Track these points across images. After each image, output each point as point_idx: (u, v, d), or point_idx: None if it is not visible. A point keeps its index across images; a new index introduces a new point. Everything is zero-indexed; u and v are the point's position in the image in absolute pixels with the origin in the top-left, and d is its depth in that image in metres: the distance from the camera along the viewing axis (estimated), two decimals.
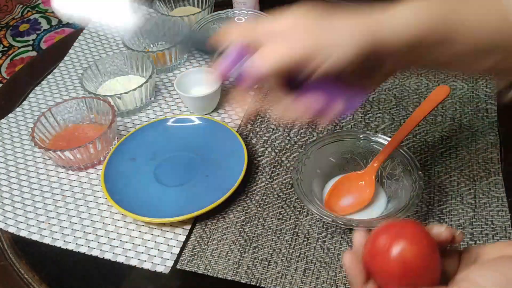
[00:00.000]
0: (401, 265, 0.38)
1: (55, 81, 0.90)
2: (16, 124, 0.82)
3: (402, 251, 0.38)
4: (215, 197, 0.64)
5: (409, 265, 0.38)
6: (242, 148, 0.70)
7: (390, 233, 0.40)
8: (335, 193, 0.64)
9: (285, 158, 0.72)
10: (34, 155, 0.77)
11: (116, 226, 0.66)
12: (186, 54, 0.92)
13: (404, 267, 0.38)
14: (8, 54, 2.10)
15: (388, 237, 0.39)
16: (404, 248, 0.38)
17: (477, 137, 0.71)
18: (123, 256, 0.62)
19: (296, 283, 0.57)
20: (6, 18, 2.28)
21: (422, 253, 0.38)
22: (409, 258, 0.38)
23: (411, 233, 0.39)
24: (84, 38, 0.98)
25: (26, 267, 0.62)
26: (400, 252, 0.38)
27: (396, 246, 0.38)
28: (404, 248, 0.38)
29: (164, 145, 0.74)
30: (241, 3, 0.96)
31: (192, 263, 0.61)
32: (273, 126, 0.77)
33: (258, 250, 0.61)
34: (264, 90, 0.50)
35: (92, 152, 0.71)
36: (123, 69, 0.86)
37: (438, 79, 0.82)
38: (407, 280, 0.38)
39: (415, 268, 0.38)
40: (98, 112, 0.77)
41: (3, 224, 0.67)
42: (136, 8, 0.62)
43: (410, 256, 0.38)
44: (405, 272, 0.38)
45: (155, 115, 0.82)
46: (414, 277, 0.38)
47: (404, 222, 0.41)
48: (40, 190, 0.71)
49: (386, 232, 0.40)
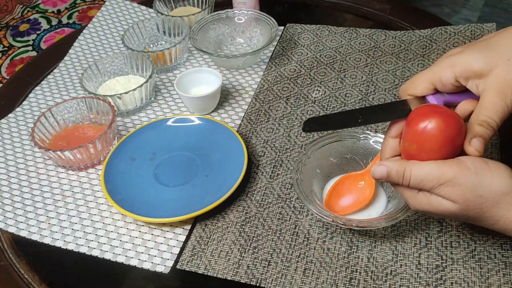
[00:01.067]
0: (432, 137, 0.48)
1: (55, 81, 0.90)
2: (16, 124, 0.82)
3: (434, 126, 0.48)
4: (215, 197, 0.65)
5: (440, 136, 0.48)
6: (242, 148, 0.70)
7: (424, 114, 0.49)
8: (335, 193, 0.64)
9: (285, 158, 0.72)
10: (34, 155, 0.77)
11: (116, 226, 0.66)
12: (186, 54, 0.92)
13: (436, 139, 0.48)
14: (8, 54, 2.10)
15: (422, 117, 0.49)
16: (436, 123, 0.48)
17: None
18: (123, 256, 0.62)
19: (296, 283, 0.57)
20: (6, 18, 2.28)
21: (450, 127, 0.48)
22: (438, 131, 0.48)
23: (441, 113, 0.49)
24: (84, 38, 0.98)
25: (26, 267, 0.62)
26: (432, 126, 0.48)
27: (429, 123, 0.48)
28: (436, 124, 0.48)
29: (164, 145, 0.74)
30: (241, 3, 0.96)
31: (192, 263, 0.61)
32: (273, 126, 0.77)
33: (258, 250, 0.61)
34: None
35: (92, 152, 0.72)
36: (123, 69, 0.86)
37: None
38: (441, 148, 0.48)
39: (444, 140, 0.48)
40: (98, 112, 0.77)
41: (3, 224, 0.67)
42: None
43: (439, 130, 0.48)
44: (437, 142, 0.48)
45: (155, 115, 0.82)
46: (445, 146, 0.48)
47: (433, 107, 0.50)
48: (40, 190, 0.71)
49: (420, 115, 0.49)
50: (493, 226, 0.48)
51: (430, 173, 0.47)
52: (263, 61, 0.90)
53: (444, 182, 0.47)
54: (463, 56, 0.51)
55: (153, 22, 0.94)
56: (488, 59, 0.50)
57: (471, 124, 0.50)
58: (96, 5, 2.31)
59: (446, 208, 0.48)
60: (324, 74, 0.86)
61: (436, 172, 0.47)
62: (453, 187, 0.47)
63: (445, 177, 0.47)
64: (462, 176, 0.46)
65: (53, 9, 2.31)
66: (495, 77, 0.49)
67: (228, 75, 0.88)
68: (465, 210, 0.47)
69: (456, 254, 0.58)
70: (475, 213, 0.47)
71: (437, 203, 0.48)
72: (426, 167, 0.48)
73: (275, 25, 0.89)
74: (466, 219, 0.49)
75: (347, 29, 0.95)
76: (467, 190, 0.46)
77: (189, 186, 0.69)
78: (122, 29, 1.00)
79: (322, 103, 0.80)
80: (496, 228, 0.48)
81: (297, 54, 0.91)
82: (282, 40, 0.94)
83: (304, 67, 0.88)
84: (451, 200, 0.47)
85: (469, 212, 0.47)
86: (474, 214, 0.47)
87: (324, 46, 0.92)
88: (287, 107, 0.80)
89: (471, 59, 0.50)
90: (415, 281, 0.56)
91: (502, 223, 0.47)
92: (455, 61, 0.51)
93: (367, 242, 0.61)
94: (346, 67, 0.87)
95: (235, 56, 0.86)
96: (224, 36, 0.95)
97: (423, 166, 0.48)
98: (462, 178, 0.46)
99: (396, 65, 0.86)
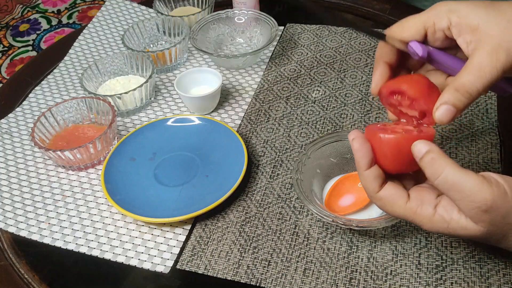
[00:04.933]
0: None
1: (55, 81, 0.90)
2: (16, 124, 0.82)
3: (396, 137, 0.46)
4: (215, 197, 0.65)
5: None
6: (242, 148, 0.70)
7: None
8: (335, 193, 0.64)
9: (285, 158, 0.72)
10: (34, 155, 0.77)
11: (116, 226, 0.66)
12: (186, 54, 0.92)
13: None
14: (8, 54, 2.10)
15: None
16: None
17: (477, 137, 0.71)
18: (123, 256, 0.62)
19: (296, 283, 0.57)
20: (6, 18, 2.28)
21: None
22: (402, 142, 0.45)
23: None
24: (84, 38, 0.98)
25: (26, 267, 0.62)
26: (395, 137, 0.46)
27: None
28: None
29: (164, 145, 0.74)
30: (241, 3, 0.96)
31: (192, 263, 0.61)
32: (273, 126, 0.77)
33: (258, 250, 0.61)
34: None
35: (92, 152, 0.72)
36: (123, 69, 0.86)
37: None
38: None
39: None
40: (98, 112, 0.77)
41: (3, 224, 0.67)
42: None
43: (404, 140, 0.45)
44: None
45: (155, 115, 0.82)
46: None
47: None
48: (40, 190, 0.71)
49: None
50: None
51: (468, 182, 0.42)
52: (263, 61, 0.90)
53: (478, 202, 0.41)
54: (463, 6, 0.46)
55: (153, 22, 0.94)
56: (488, 16, 0.45)
57: (447, 87, 0.44)
58: (96, 5, 2.31)
59: (468, 231, 0.43)
60: (324, 74, 0.86)
61: (474, 186, 0.41)
62: (487, 212, 0.41)
63: (481, 198, 0.41)
64: (500, 200, 0.41)
65: (53, 9, 2.31)
66: (491, 37, 0.44)
67: (228, 75, 0.88)
68: (489, 234, 0.43)
69: (456, 254, 0.58)
70: (497, 238, 0.44)
71: (458, 224, 0.43)
72: (464, 174, 0.42)
73: (275, 25, 0.90)
74: (485, 242, 0.45)
75: (347, 29, 0.95)
76: (498, 216, 0.42)
77: (189, 186, 0.69)
78: (122, 29, 1.00)
79: (322, 103, 0.80)
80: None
81: (297, 54, 0.91)
82: (282, 40, 0.94)
83: (304, 67, 0.88)
84: (478, 224, 0.42)
85: (492, 237, 0.43)
86: (496, 238, 0.44)
87: (324, 46, 0.92)
88: (287, 107, 0.80)
89: (471, 11, 0.45)
90: (415, 281, 0.56)
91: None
92: (454, 8, 0.46)
93: (367, 242, 0.61)
94: (346, 67, 0.87)
95: (235, 56, 0.86)
96: (224, 36, 0.95)
97: (461, 172, 0.42)
98: (499, 202, 0.41)
99: None
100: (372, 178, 0.46)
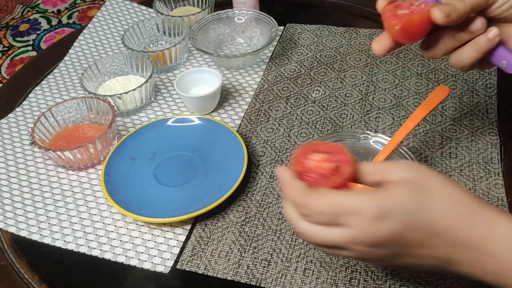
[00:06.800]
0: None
1: (55, 81, 0.90)
2: (16, 124, 0.82)
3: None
4: (215, 197, 0.64)
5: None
6: (242, 148, 0.70)
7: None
8: None
9: (285, 158, 0.72)
10: (34, 155, 0.77)
11: (116, 226, 0.66)
12: (186, 54, 0.92)
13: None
14: (8, 54, 2.10)
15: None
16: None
17: (477, 137, 0.71)
18: (123, 256, 0.62)
19: (296, 283, 0.57)
20: (6, 18, 2.28)
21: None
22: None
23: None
24: (84, 38, 0.98)
25: (26, 267, 0.62)
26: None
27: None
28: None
29: (164, 145, 0.74)
30: (241, 3, 0.96)
31: (192, 263, 0.61)
32: (273, 126, 0.77)
33: (258, 250, 0.61)
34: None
35: (92, 152, 0.72)
36: (123, 69, 0.86)
37: (438, 79, 0.82)
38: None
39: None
40: (98, 112, 0.77)
41: (3, 224, 0.67)
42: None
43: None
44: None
45: (155, 115, 0.82)
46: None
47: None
48: (40, 190, 0.71)
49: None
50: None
51: (348, 201, 0.42)
52: (263, 61, 0.90)
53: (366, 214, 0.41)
54: None
55: (153, 22, 0.94)
56: None
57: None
58: (96, 5, 2.31)
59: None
60: (324, 74, 0.86)
61: (353, 202, 0.41)
62: (380, 219, 0.41)
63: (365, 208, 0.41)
64: (390, 202, 0.41)
65: (53, 9, 2.31)
66: None
67: (228, 75, 0.88)
68: (408, 242, 0.42)
69: None
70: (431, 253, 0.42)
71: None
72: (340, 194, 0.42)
73: (275, 25, 0.90)
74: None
75: (347, 29, 0.95)
76: (401, 217, 0.41)
77: (189, 186, 0.69)
78: (122, 29, 1.00)
79: (322, 103, 0.80)
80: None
81: (297, 54, 0.91)
82: (282, 40, 0.94)
83: (304, 67, 0.88)
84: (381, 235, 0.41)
85: (417, 248, 0.42)
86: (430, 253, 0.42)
87: (324, 46, 0.92)
88: (287, 107, 0.80)
89: None
90: (415, 281, 0.56)
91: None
92: None
93: None
94: (346, 67, 0.87)
95: (235, 56, 0.86)
96: (224, 36, 0.95)
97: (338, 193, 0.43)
98: (390, 204, 0.41)
99: (396, 65, 0.86)
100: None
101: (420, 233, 0.41)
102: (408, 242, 0.42)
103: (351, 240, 0.42)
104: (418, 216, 0.41)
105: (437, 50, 0.53)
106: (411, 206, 0.41)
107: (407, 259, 0.43)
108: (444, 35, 0.52)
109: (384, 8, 0.52)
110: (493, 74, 0.81)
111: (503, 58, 0.52)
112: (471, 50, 0.51)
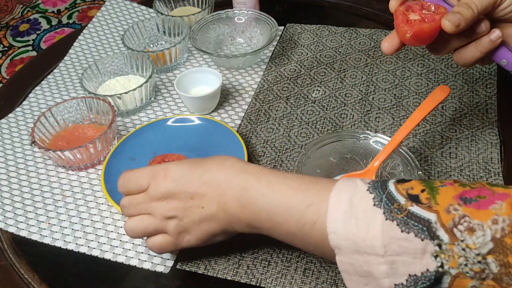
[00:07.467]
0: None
1: (55, 81, 0.90)
2: (16, 124, 0.82)
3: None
4: None
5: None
6: (242, 148, 0.70)
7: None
8: None
9: (285, 158, 0.72)
10: (34, 155, 0.77)
11: (116, 226, 0.66)
12: (186, 54, 0.92)
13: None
14: (8, 54, 2.10)
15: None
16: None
17: (477, 137, 0.72)
18: (123, 256, 0.62)
19: (296, 283, 0.57)
20: (6, 18, 2.29)
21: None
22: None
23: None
24: (84, 38, 0.98)
25: (26, 267, 0.62)
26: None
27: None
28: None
29: (164, 145, 0.74)
30: (241, 3, 0.96)
31: (192, 263, 0.61)
32: (273, 126, 0.77)
33: (258, 250, 0.61)
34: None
35: (92, 152, 0.72)
36: (123, 69, 0.86)
37: (438, 79, 0.82)
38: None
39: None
40: (98, 112, 0.77)
41: (3, 224, 0.67)
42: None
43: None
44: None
45: (155, 115, 0.82)
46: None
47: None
48: (40, 190, 0.71)
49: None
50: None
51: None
52: (263, 61, 0.90)
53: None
54: None
55: (153, 22, 0.94)
56: None
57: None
58: (96, 5, 2.31)
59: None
60: (324, 74, 0.86)
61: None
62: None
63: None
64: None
65: (53, 9, 2.31)
66: None
67: (228, 75, 0.88)
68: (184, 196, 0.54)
69: None
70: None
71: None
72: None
73: (275, 25, 0.90)
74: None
75: (347, 29, 0.95)
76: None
77: None
78: (122, 29, 1.00)
79: (322, 103, 0.80)
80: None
81: (297, 54, 0.91)
82: (282, 40, 0.94)
83: (304, 67, 0.88)
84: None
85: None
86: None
87: (324, 46, 0.92)
88: (287, 107, 0.80)
89: None
90: None
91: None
92: None
93: None
94: (346, 67, 0.87)
95: (235, 56, 0.86)
96: (224, 36, 0.95)
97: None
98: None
99: (396, 65, 0.86)
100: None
101: (194, 185, 0.53)
102: (187, 194, 0.53)
103: (147, 197, 0.54)
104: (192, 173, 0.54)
105: (442, 49, 0.57)
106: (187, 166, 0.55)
107: (193, 210, 0.53)
108: (450, 36, 0.55)
109: (397, 9, 0.56)
110: (493, 74, 0.81)
111: (504, 57, 0.55)
112: (474, 49, 0.55)
